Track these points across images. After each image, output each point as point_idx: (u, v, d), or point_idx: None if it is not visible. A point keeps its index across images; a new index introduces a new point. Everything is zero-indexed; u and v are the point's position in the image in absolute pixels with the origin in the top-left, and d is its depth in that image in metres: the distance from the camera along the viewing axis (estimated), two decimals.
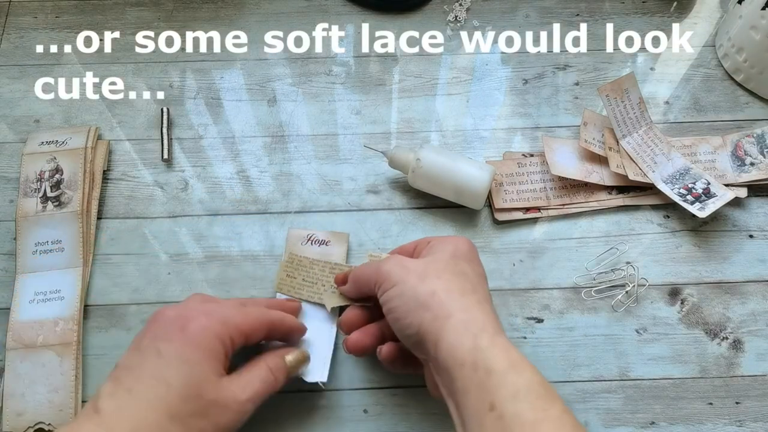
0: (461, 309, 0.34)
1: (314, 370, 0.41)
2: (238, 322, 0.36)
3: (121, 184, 0.51)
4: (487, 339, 0.32)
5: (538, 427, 0.29)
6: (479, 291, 0.36)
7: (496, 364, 0.31)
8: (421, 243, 0.40)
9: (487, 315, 0.34)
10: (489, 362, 0.31)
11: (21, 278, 0.45)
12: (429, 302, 0.34)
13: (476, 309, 0.34)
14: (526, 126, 0.54)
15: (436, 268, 0.36)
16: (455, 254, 0.38)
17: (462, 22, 0.59)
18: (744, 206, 0.50)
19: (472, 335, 0.32)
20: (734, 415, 0.42)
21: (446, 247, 0.38)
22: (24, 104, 0.54)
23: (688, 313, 0.46)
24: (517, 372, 0.31)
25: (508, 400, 0.30)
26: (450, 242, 0.39)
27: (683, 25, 0.59)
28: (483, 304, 0.35)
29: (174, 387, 0.32)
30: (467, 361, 0.31)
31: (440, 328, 0.33)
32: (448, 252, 0.38)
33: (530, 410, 0.29)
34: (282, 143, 0.53)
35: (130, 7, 0.60)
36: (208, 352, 0.34)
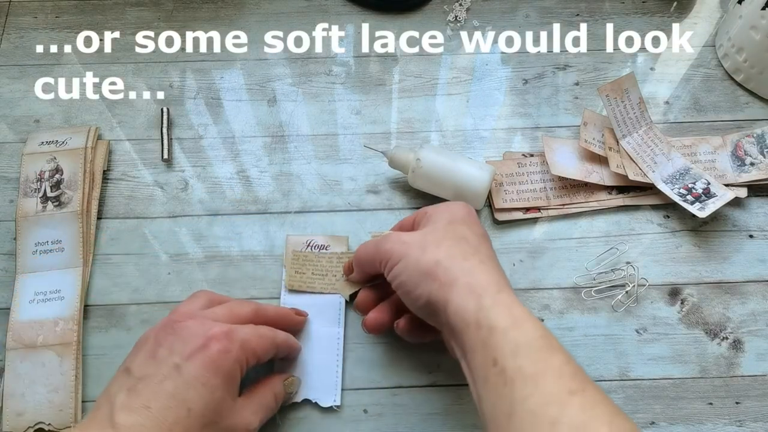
0: (465, 273, 0.35)
1: (327, 395, 0.42)
2: (254, 346, 0.37)
3: (121, 184, 0.51)
4: (490, 298, 0.33)
5: (539, 379, 0.30)
6: (481, 251, 0.37)
7: (498, 321, 0.32)
8: (419, 214, 0.41)
9: (491, 274, 0.35)
10: (491, 320, 0.32)
11: (21, 278, 0.45)
12: (434, 271, 0.35)
13: (479, 270, 0.35)
14: (526, 126, 0.54)
15: (435, 237, 0.37)
16: (452, 220, 0.38)
17: (462, 22, 0.59)
18: (744, 206, 0.50)
19: (476, 296, 0.33)
20: (734, 415, 0.42)
21: (442, 215, 0.39)
22: (24, 104, 0.54)
23: (688, 313, 0.46)
24: (517, 327, 0.32)
25: (509, 356, 0.31)
26: (446, 209, 0.40)
27: (683, 25, 0.59)
28: (486, 263, 0.36)
29: (194, 412, 0.33)
30: (472, 321, 0.33)
31: (447, 294, 0.34)
32: (444, 219, 0.38)
33: (530, 364, 0.30)
34: (282, 143, 0.53)
35: (130, 7, 0.60)
36: (228, 378, 0.35)
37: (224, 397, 0.34)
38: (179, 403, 0.32)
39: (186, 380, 0.33)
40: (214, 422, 0.34)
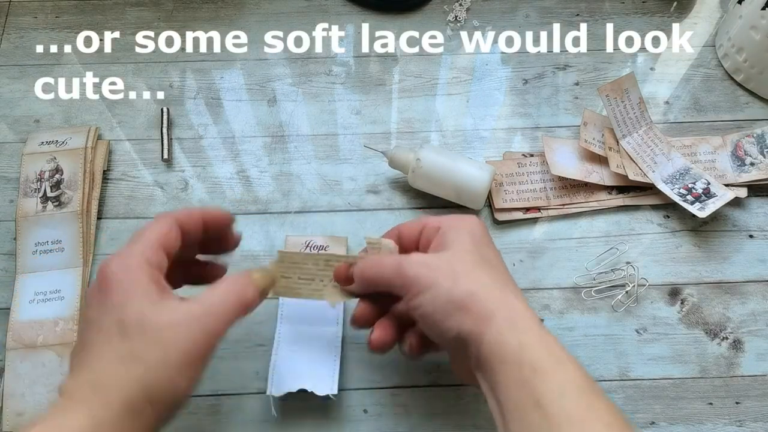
0: (502, 307, 0.32)
1: (324, 384, 0.41)
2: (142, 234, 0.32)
3: (121, 184, 0.51)
4: (532, 335, 0.31)
5: (586, 423, 0.29)
6: (508, 277, 0.35)
7: (542, 361, 0.30)
8: (429, 229, 0.37)
9: (525, 306, 0.33)
10: (534, 360, 0.30)
11: (21, 278, 0.45)
12: (468, 304, 0.32)
13: (515, 303, 0.33)
14: (526, 126, 0.54)
15: (463, 264, 0.34)
16: (474, 241, 0.36)
17: (462, 22, 0.59)
18: (744, 206, 0.50)
19: (517, 332, 0.31)
20: (734, 415, 0.42)
21: (463, 236, 0.36)
22: (24, 104, 0.54)
23: (688, 313, 0.46)
24: (561, 368, 0.30)
25: (555, 399, 0.29)
26: (464, 228, 0.36)
27: (683, 25, 0.59)
28: (516, 292, 0.34)
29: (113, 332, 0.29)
30: (512, 359, 0.31)
31: (483, 329, 0.32)
32: (466, 241, 0.35)
33: (576, 408, 0.29)
34: (282, 143, 0.53)
35: (130, 7, 0.60)
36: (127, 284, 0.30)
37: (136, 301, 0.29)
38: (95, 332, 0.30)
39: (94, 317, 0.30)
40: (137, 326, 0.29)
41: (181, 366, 0.29)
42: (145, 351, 0.29)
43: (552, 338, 0.32)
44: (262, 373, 0.43)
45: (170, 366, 0.29)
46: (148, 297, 0.30)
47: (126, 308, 0.29)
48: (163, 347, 0.29)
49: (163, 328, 0.29)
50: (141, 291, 0.30)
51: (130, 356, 0.28)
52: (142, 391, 0.28)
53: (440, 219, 0.38)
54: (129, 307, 0.29)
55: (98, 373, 0.28)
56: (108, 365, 0.28)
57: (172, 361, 0.29)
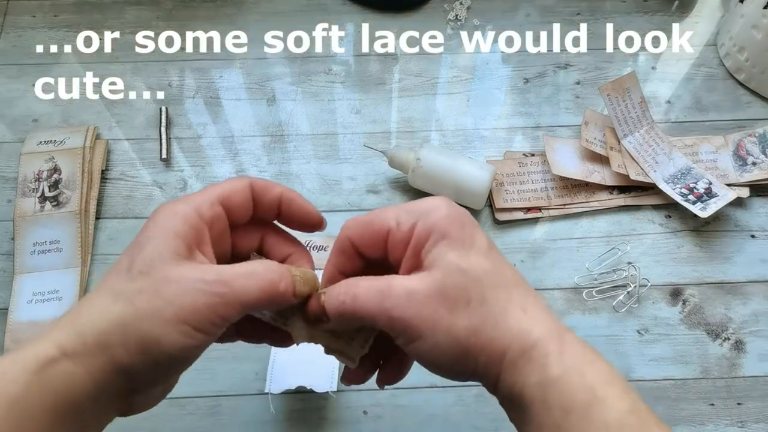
0: (513, 337, 0.26)
1: (323, 381, 0.41)
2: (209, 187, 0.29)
3: (120, 184, 0.50)
4: (555, 365, 0.25)
5: None
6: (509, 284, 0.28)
7: (574, 399, 0.25)
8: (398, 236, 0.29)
9: (541, 323, 0.27)
10: (564, 399, 0.25)
11: (19, 278, 0.45)
12: (474, 344, 0.26)
13: (527, 325, 0.26)
14: (527, 125, 0.53)
15: (457, 289, 0.27)
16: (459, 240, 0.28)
17: (462, 21, 0.59)
18: (746, 206, 0.49)
19: (538, 366, 0.26)
20: (736, 416, 0.42)
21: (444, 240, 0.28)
22: (22, 103, 0.54)
23: (689, 313, 0.45)
24: (600, 404, 0.25)
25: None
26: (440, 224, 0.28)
27: (684, 24, 0.59)
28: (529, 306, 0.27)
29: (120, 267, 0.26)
30: (536, 400, 0.25)
31: (496, 371, 0.27)
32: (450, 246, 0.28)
33: None
34: (281, 143, 0.53)
35: (130, 6, 0.59)
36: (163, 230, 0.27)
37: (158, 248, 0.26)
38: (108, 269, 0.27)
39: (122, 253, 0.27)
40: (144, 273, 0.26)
41: (171, 324, 0.25)
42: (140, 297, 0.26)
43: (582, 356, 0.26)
44: (261, 374, 0.43)
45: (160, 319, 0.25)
46: (170, 248, 0.26)
47: (144, 251, 0.26)
48: (160, 300, 0.25)
49: (168, 281, 0.26)
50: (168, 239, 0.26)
51: (123, 296, 0.26)
52: (121, 331, 0.25)
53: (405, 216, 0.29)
54: (147, 250, 0.26)
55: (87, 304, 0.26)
56: (99, 298, 0.26)
57: (163, 315, 0.25)
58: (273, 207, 0.31)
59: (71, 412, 0.24)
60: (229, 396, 0.42)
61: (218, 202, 0.28)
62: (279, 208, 0.31)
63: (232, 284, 0.26)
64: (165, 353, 0.25)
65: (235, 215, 0.29)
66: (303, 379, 0.40)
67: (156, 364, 0.26)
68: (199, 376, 0.43)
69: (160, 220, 0.27)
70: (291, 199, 0.31)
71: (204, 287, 0.26)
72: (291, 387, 0.40)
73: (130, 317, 0.25)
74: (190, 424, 0.41)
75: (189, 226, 0.27)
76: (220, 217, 0.29)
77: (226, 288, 0.26)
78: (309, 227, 0.32)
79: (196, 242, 0.27)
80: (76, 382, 0.24)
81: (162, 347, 0.25)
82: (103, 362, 0.25)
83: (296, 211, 0.31)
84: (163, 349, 0.25)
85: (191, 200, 0.28)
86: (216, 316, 0.26)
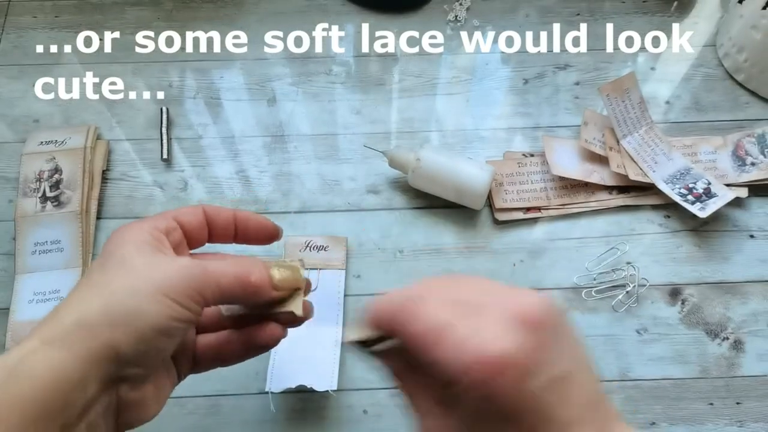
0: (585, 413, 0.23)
1: (323, 379, 0.41)
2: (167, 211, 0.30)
3: (121, 184, 0.51)
4: None
5: None
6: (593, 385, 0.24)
7: None
8: None
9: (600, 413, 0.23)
10: None
11: (20, 278, 0.45)
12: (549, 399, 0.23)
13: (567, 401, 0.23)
14: (526, 126, 0.54)
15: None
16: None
17: (462, 21, 0.59)
18: (745, 206, 0.50)
19: None
20: (735, 416, 0.42)
21: None
22: (23, 104, 0.54)
23: (688, 313, 0.46)
24: None
25: None
26: None
27: (683, 24, 0.59)
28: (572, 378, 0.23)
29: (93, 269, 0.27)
30: None
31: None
32: None
33: None
34: (281, 143, 0.53)
35: (130, 6, 0.60)
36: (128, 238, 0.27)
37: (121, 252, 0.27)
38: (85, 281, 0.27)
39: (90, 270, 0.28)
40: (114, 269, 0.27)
41: (151, 296, 0.26)
42: (115, 279, 0.26)
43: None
44: (261, 373, 0.43)
45: (140, 294, 0.26)
46: (138, 246, 0.27)
47: (113, 253, 0.27)
48: (138, 279, 0.26)
49: (141, 264, 0.26)
50: (134, 241, 0.27)
51: (98, 284, 0.26)
52: (102, 312, 0.25)
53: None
54: (117, 252, 0.27)
55: (65, 301, 0.26)
56: (75, 293, 0.26)
57: (143, 290, 0.26)
58: (229, 227, 0.32)
59: (58, 400, 0.24)
60: (229, 395, 0.42)
61: (172, 218, 0.30)
62: (235, 226, 0.32)
63: (207, 266, 0.27)
64: (148, 324, 0.25)
65: (191, 235, 0.30)
66: (303, 378, 0.40)
67: (140, 337, 0.25)
68: (200, 375, 0.43)
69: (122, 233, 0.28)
70: (245, 216, 0.32)
71: (180, 267, 0.26)
72: (291, 386, 0.40)
73: (108, 296, 0.25)
74: (191, 423, 0.42)
75: (150, 235, 0.28)
76: (176, 228, 0.30)
77: (201, 268, 0.27)
78: (267, 239, 0.33)
79: (162, 246, 0.28)
80: (58, 364, 0.24)
81: (145, 318, 0.25)
82: (85, 341, 0.24)
83: (253, 226, 0.32)
84: (146, 320, 0.25)
85: (145, 219, 0.29)
86: (194, 291, 0.26)
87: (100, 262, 0.27)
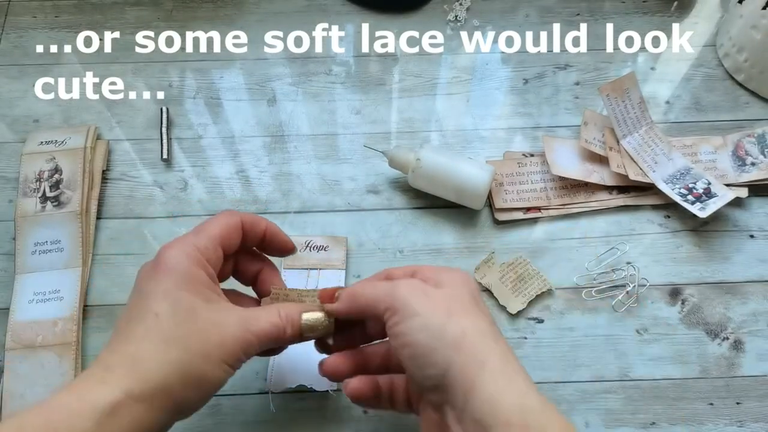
0: (498, 356, 0.29)
1: (323, 380, 0.40)
2: (207, 228, 0.34)
3: (121, 184, 0.51)
4: (534, 396, 0.28)
5: None
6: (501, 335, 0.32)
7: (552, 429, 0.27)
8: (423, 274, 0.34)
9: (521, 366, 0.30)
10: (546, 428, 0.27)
11: (20, 278, 0.45)
12: (460, 343, 0.29)
13: (513, 358, 0.30)
14: (526, 126, 0.54)
15: (461, 304, 0.32)
16: (473, 293, 0.33)
17: (462, 21, 0.59)
18: (745, 206, 0.50)
19: (518, 391, 0.28)
20: (735, 416, 0.42)
21: (459, 284, 0.33)
22: (23, 104, 0.54)
23: (688, 313, 0.46)
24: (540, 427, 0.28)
25: None
26: (460, 278, 0.34)
27: (683, 24, 0.59)
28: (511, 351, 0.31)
29: (162, 315, 0.30)
30: (515, 421, 0.27)
31: (474, 376, 0.29)
32: (465, 289, 0.33)
33: None
34: (282, 143, 0.53)
35: (130, 6, 0.60)
36: (186, 277, 0.31)
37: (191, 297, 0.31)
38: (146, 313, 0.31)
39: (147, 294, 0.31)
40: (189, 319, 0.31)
41: (215, 363, 0.31)
42: (191, 340, 0.30)
43: (551, 405, 0.29)
44: (261, 373, 0.43)
45: (209, 360, 0.31)
46: (201, 294, 0.32)
47: (181, 299, 0.31)
48: (209, 344, 0.31)
49: (212, 327, 0.31)
50: (196, 284, 0.32)
51: (174, 341, 0.30)
52: (179, 374, 0.30)
53: (434, 268, 0.35)
54: (183, 298, 0.31)
55: (142, 351, 0.30)
56: (152, 345, 0.30)
57: (211, 357, 0.31)
58: (258, 239, 0.37)
59: None
60: (229, 395, 0.42)
61: (219, 245, 0.34)
62: (263, 239, 0.37)
63: (252, 330, 0.32)
64: (211, 385, 0.31)
65: (227, 251, 0.35)
66: (303, 378, 0.41)
67: (203, 395, 0.31)
68: None
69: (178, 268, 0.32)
70: (274, 233, 0.37)
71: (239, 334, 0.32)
72: (291, 386, 0.40)
73: (186, 361, 0.30)
74: (191, 423, 0.41)
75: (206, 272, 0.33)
76: (221, 257, 0.34)
77: (253, 336, 0.32)
78: (284, 254, 0.39)
79: (213, 285, 0.33)
80: (144, 421, 0.29)
81: (210, 380, 0.31)
82: (164, 400, 0.29)
83: (277, 243, 0.38)
84: (211, 382, 0.31)
85: (195, 243, 0.33)
86: (245, 356, 0.32)
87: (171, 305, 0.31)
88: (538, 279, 0.46)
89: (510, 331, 0.45)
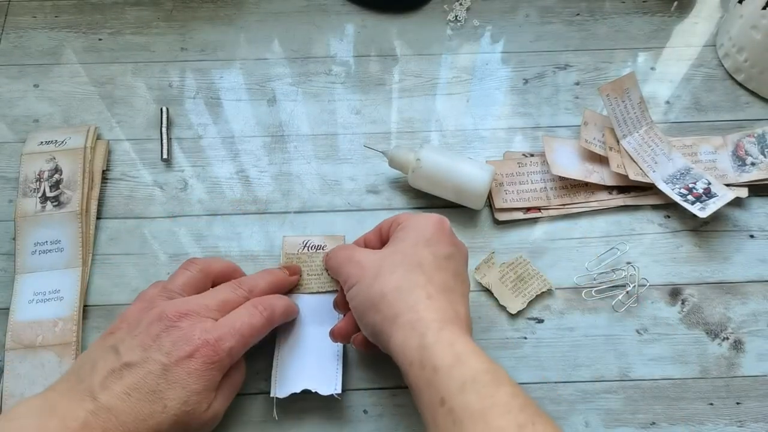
0: (408, 308, 0.34)
1: (327, 383, 0.41)
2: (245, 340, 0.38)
3: (121, 184, 0.51)
4: (432, 335, 0.33)
5: (486, 414, 0.30)
6: (434, 280, 0.36)
7: (442, 360, 0.32)
8: (396, 222, 0.40)
9: (436, 310, 0.35)
10: (434, 359, 0.32)
11: (20, 278, 0.45)
12: (379, 304, 0.35)
13: (423, 305, 0.35)
14: (526, 126, 0.54)
15: (392, 262, 0.37)
16: (417, 241, 0.38)
17: (462, 21, 0.59)
18: (745, 206, 0.50)
19: (419, 334, 0.33)
20: (735, 416, 0.42)
21: (409, 234, 0.38)
22: (23, 104, 0.54)
23: (688, 313, 0.46)
24: (462, 364, 0.32)
25: (455, 394, 0.31)
26: (415, 227, 0.39)
27: (683, 24, 0.59)
28: (434, 297, 0.35)
29: (170, 408, 0.34)
30: (415, 360, 0.33)
31: (389, 329, 0.34)
32: (411, 239, 0.38)
33: (477, 400, 0.30)
34: (281, 143, 0.53)
35: (130, 6, 0.60)
36: (209, 383, 0.36)
37: (201, 400, 0.36)
38: (158, 399, 0.34)
39: (169, 381, 0.35)
40: (186, 423, 0.35)
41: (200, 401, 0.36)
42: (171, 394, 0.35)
43: (455, 335, 0.33)
44: (262, 373, 0.43)
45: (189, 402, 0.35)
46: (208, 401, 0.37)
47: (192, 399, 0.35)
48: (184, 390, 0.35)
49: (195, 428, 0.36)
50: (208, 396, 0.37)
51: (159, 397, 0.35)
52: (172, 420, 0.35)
53: (406, 216, 0.40)
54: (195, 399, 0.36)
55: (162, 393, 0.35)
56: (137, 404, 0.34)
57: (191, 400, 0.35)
58: None
59: None
60: None
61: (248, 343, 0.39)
62: None
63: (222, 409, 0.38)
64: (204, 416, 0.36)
65: None
66: (308, 383, 0.40)
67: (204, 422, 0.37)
68: None
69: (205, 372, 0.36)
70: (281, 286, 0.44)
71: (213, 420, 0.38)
72: (296, 390, 0.40)
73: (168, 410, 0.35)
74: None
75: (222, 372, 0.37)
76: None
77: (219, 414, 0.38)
78: None
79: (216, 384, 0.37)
80: None
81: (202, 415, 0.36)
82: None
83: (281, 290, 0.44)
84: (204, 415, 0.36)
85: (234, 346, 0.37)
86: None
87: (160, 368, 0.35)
88: (538, 279, 0.46)
89: (510, 331, 0.45)
